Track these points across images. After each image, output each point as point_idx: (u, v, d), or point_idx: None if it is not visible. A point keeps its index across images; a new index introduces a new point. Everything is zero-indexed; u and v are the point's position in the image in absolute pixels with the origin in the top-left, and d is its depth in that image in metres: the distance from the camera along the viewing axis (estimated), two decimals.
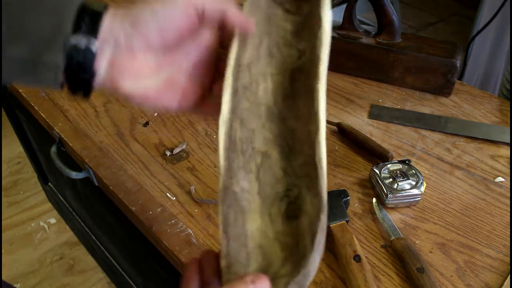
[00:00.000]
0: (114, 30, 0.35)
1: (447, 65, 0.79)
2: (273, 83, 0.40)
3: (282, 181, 0.38)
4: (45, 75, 0.34)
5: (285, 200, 0.37)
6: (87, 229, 1.30)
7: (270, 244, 0.36)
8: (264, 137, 0.39)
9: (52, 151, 0.79)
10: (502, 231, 0.59)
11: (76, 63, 0.34)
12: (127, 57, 0.36)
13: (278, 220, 0.36)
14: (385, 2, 0.79)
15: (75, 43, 0.33)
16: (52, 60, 0.33)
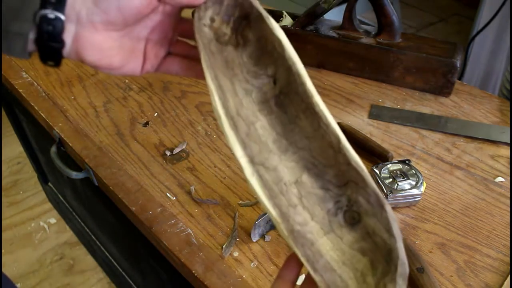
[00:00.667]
0: (76, 6, 0.37)
1: (447, 65, 0.79)
2: (265, 117, 0.40)
3: (326, 198, 0.38)
4: (14, 43, 0.37)
5: (339, 212, 0.37)
6: (87, 229, 1.30)
7: (351, 257, 0.36)
8: (287, 168, 0.39)
9: (52, 151, 0.79)
10: (502, 231, 0.59)
11: (46, 32, 0.36)
12: (89, 32, 0.38)
13: (344, 232, 0.37)
14: (385, 2, 0.79)
15: (45, 13, 0.36)
16: (20, 29, 0.36)
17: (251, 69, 0.41)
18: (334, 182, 0.38)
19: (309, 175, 0.39)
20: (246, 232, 0.59)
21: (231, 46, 0.42)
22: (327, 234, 0.37)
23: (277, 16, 0.95)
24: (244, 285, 0.53)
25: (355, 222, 0.37)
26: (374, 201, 0.36)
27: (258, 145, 0.39)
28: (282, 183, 0.38)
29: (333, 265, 0.36)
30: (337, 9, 0.89)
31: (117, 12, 0.37)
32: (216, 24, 0.42)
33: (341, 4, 0.86)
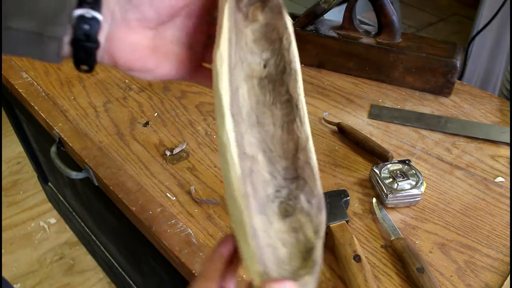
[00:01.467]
0: (110, 5, 0.36)
1: (447, 65, 0.79)
2: (247, 89, 0.41)
3: (270, 183, 0.40)
4: (49, 48, 0.35)
5: (276, 201, 0.39)
6: (87, 229, 1.30)
7: (274, 243, 0.37)
8: (250, 141, 0.40)
9: (52, 151, 0.79)
10: (502, 231, 0.59)
11: (82, 32, 0.35)
12: (123, 31, 0.37)
13: (275, 219, 0.38)
14: (385, 2, 0.79)
15: (82, 13, 0.35)
16: (55, 33, 0.35)
17: (249, 43, 0.42)
18: (282, 173, 0.40)
19: (264, 157, 0.40)
20: None
21: (242, 14, 0.42)
22: (261, 214, 0.38)
23: None
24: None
25: (287, 214, 0.38)
26: (316, 203, 0.37)
27: (237, 107, 0.40)
28: (243, 151, 0.39)
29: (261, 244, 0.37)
30: (337, 9, 0.89)
31: (150, 7, 0.37)
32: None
33: (341, 4, 0.86)
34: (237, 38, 0.41)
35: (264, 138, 0.41)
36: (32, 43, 0.35)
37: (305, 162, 0.38)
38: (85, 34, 0.35)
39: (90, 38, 0.36)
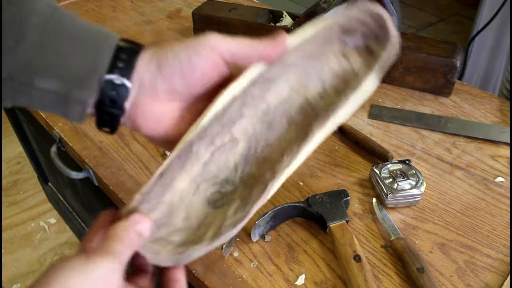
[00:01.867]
0: (140, 71, 0.35)
1: (447, 65, 0.79)
2: (286, 94, 0.42)
3: (227, 172, 0.40)
4: (73, 109, 0.34)
5: (216, 187, 0.40)
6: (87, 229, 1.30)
7: (179, 209, 0.39)
8: (245, 127, 0.41)
9: (52, 151, 0.79)
10: (502, 231, 0.59)
11: (109, 98, 0.34)
12: (150, 100, 0.36)
13: (199, 197, 0.39)
14: (385, 2, 0.79)
15: (111, 79, 0.34)
16: (82, 97, 0.34)
17: (332, 64, 0.43)
18: (243, 173, 0.41)
19: (243, 149, 0.41)
20: (246, 232, 0.59)
21: (341, 53, 0.43)
22: (194, 180, 0.39)
23: (277, 16, 0.95)
24: (244, 285, 0.53)
25: (211, 205, 0.40)
26: (239, 215, 0.38)
27: (260, 98, 0.42)
28: (231, 128, 0.41)
29: (168, 193, 0.39)
30: None
31: (180, 79, 0.35)
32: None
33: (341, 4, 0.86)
34: (317, 63, 0.42)
35: (259, 138, 0.41)
36: (56, 103, 0.34)
37: (266, 183, 0.39)
38: (111, 99, 0.34)
39: (116, 105, 0.35)
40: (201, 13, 0.97)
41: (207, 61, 0.35)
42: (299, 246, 0.58)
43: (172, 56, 0.35)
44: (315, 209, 0.58)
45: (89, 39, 0.34)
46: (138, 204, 0.36)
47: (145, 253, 0.35)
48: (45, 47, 0.32)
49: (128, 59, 0.34)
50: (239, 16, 0.93)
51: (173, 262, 0.36)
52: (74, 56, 0.33)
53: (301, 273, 0.55)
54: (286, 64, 0.41)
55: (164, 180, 0.38)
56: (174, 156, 0.37)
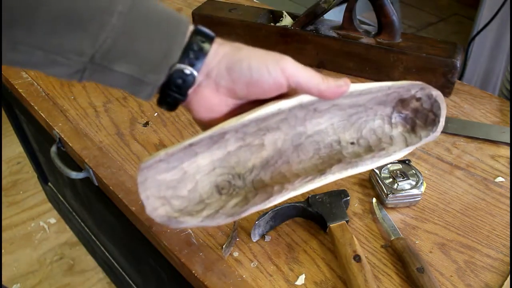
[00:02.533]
0: (210, 65, 0.38)
1: (447, 65, 0.79)
2: (326, 127, 0.46)
3: (243, 169, 0.43)
4: (143, 91, 0.38)
5: (228, 177, 0.43)
6: (87, 229, 1.30)
7: (189, 179, 0.42)
8: (276, 140, 0.44)
9: (52, 151, 0.79)
10: (502, 231, 0.59)
11: (175, 84, 0.37)
12: (210, 91, 0.39)
13: (210, 178, 0.42)
14: (385, 2, 0.79)
15: (181, 68, 0.37)
16: (153, 81, 0.37)
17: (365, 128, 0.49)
18: (254, 181, 0.44)
19: (265, 158, 0.45)
20: (246, 232, 0.59)
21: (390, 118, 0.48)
22: (213, 163, 0.43)
23: (277, 16, 0.95)
24: (244, 285, 0.53)
25: (216, 191, 0.43)
26: (236, 211, 0.42)
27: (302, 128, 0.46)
28: (263, 132, 0.44)
29: (192, 164, 0.42)
30: (337, 9, 0.89)
31: (244, 86, 0.38)
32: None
33: (341, 4, 0.86)
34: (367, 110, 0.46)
35: (284, 154, 0.44)
36: (128, 84, 0.37)
37: (271, 194, 0.42)
38: (177, 85, 0.37)
39: (180, 91, 0.38)
40: (201, 13, 0.97)
41: (274, 82, 0.38)
42: (299, 246, 0.58)
43: (246, 67, 0.38)
44: (315, 209, 0.58)
45: (165, 24, 0.36)
46: (159, 161, 0.39)
47: (146, 205, 0.39)
48: (126, 33, 0.35)
49: (200, 50, 0.37)
50: (239, 16, 0.94)
51: (162, 220, 0.39)
52: (151, 43, 0.36)
53: (301, 273, 0.55)
54: (335, 104, 0.44)
55: (189, 151, 0.41)
56: (207, 135, 0.40)
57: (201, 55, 0.37)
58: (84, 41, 0.34)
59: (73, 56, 0.35)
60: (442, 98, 0.44)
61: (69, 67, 0.36)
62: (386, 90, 0.44)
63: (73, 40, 0.34)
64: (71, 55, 0.35)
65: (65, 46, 0.34)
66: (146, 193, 0.39)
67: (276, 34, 0.90)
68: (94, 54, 0.35)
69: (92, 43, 0.34)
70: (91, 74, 0.36)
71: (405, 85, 0.44)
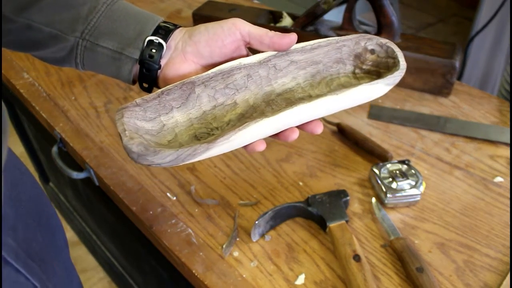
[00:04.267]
0: (176, 39, 0.47)
1: (446, 65, 0.79)
2: (293, 86, 0.49)
3: (220, 123, 0.45)
4: (124, 65, 0.46)
5: (207, 130, 0.45)
6: (88, 229, 1.30)
7: (168, 132, 0.44)
8: (247, 99, 0.47)
9: (53, 151, 0.79)
10: (501, 231, 0.59)
11: (149, 54, 0.45)
12: (180, 60, 0.46)
13: (189, 132, 0.45)
14: (385, 3, 0.80)
15: (152, 39, 0.45)
16: (131, 54, 0.45)
17: (326, 81, 0.50)
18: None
19: (241, 113, 0.46)
20: (246, 232, 0.59)
21: (354, 68, 0.50)
22: (190, 119, 0.46)
23: (277, 17, 0.96)
24: (244, 284, 0.53)
25: (196, 138, 0.45)
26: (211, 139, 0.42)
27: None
28: (239, 87, 0.47)
29: (167, 115, 0.45)
30: (337, 10, 0.89)
31: (205, 44, 0.46)
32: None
33: (340, 5, 0.87)
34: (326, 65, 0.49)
35: (257, 109, 0.46)
36: (112, 60, 0.46)
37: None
38: (150, 55, 0.45)
39: (153, 59, 0.45)
40: (201, 14, 0.97)
41: (228, 34, 0.45)
42: (299, 246, 0.58)
43: (203, 28, 0.46)
44: (315, 209, 0.58)
45: (141, 16, 0.46)
46: (135, 105, 0.42)
47: (123, 136, 0.40)
48: (108, 17, 0.45)
49: (167, 30, 0.46)
50: (239, 16, 0.94)
51: (139, 150, 0.39)
52: (127, 25, 0.46)
53: (301, 272, 0.55)
54: (293, 60, 0.47)
55: (163, 101, 0.44)
56: (176, 84, 0.44)
57: (168, 31, 0.46)
58: (77, 21, 0.45)
59: (69, 32, 0.45)
60: (391, 42, 0.48)
61: (66, 41, 0.45)
62: (335, 44, 0.48)
63: (70, 19, 0.45)
64: (68, 30, 0.45)
65: (64, 24, 0.45)
66: (123, 127, 0.40)
67: None
68: (84, 30, 0.45)
69: (83, 22, 0.45)
70: (83, 51, 0.46)
71: (352, 37, 0.48)
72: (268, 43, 0.46)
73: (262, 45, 0.46)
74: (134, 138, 0.40)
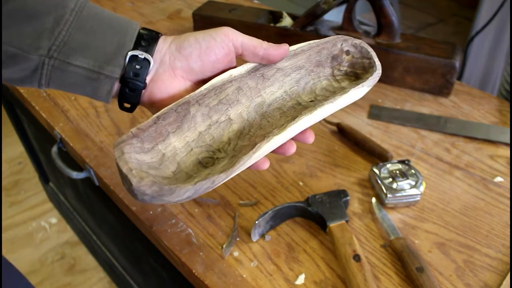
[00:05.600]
0: (162, 51, 0.41)
1: (446, 65, 0.79)
2: (282, 94, 0.48)
3: (220, 144, 0.43)
4: (103, 86, 0.39)
5: (209, 154, 0.43)
6: (88, 229, 1.30)
7: (170, 162, 0.41)
8: (241, 113, 0.45)
9: (53, 151, 0.79)
10: (501, 231, 0.59)
11: (133, 72, 0.39)
12: (168, 76, 0.41)
13: (191, 158, 0.42)
14: (385, 3, 0.80)
15: (135, 54, 0.39)
16: (111, 73, 0.39)
17: (315, 85, 0.50)
18: (237, 148, 0.44)
19: (238, 130, 0.45)
20: (246, 231, 0.59)
21: (333, 71, 0.51)
22: (188, 144, 0.43)
23: (277, 17, 0.96)
24: (244, 284, 0.53)
25: (201, 165, 0.42)
26: (225, 167, 0.40)
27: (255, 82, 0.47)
28: (229, 106, 0.45)
29: (165, 143, 0.42)
30: (337, 10, 0.89)
31: (197, 58, 0.41)
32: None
33: (340, 5, 0.87)
34: (311, 71, 0.49)
35: (253, 124, 0.45)
36: (87, 80, 0.39)
37: (255, 144, 0.41)
38: (134, 73, 0.39)
39: (139, 78, 0.40)
40: (202, 14, 0.97)
41: (221, 46, 0.41)
42: (299, 246, 0.58)
43: (193, 40, 0.41)
44: (315, 209, 0.59)
45: (116, 23, 0.40)
46: (132, 137, 0.38)
47: (131, 177, 0.35)
48: (80, 28, 0.38)
49: (150, 40, 0.40)
50: (239, 16, 0.94)
51: (153, 191, 0.35)
52: (104, 37, 0.38)
53: (301, 272, 0.55)
54: (279, 68, 0.47)
55: (160, 127, 0.40)
56: (170, 107, 0.41)
57: (152, 42, 0.40)
58: (41, 35, 0.37)
59: (31, 50, 0.37)
60: (365, 43, 0.49)
61: (29, 61, 0.37)
62: (315, 47, 0.48)
63: (31, 33, 0.37)
64: (29, 48, 0.37)
65: (24, 39, 0.37)
66: (128, 165, 0.36)
67: (276, 35, 0.90)
68: (51, 47, 0.37)
69: (49, 36, 0.37)
70: (50, 71, 0.38)
71: (330, 39, 0.49)
72: (262, 55, 0.43)
73: (255, 57, 0.43)
74: (144, 178, 0.35)
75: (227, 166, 0.39)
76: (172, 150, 0.41)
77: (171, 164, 0.41)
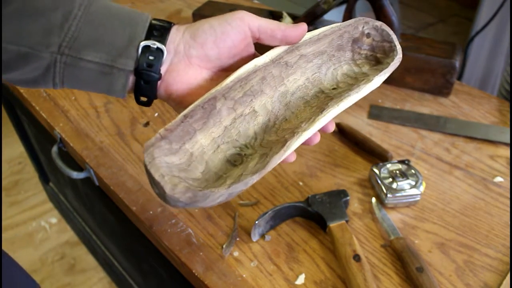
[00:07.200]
0: (175, 41, 0.40)
1: (446, 65, 0.79)
2: (304, 82, 0.47)
3: (246, 138, 0.42)
4: (117, 80, 0.39)
5: (236, 150, 0.42)
6: (88, 229, 1.30)
7: (198, 162, 0.40)
8: (265, 104, 0.44)
9: (53, 151, 0.79)
10: (500, 231, 0.59)
11: (146, 62, 0.38)
12: (184, 65, 0.40)
13: (219, 155, 0.41)
14: (385, 3, 0.80)
15: (147, 44, 0.38)
16: (124, 66, 0.38)
17: (337, 70, 0.49)
18: (264, 142, 0.43)
19: (264, 123, 0.45)
20: (246, 231, 0.59)
21: (353, 55, 0.50)
22: (215, 140, 0.42)
23: (277, 17, 0.96)
24: (244, 284, 0.53)
25: (229, 163, 0.41)
26: (257, 168, 0.39)
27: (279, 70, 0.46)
28: (253, 97, 0.44)
29: (192, 140, 0.41)
30: (337, 10, 0.89)
31: (213, 45, 0.40)
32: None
33: (340, 5, 0.87)
34: (333, 56, 0.48)
35: (278, 115, 0.44)
36: (101, 75, 0.38)
37: (285, 141, 0.40)
38: (148, 64, 0.38)
39: (153, 68, 0.38)
40: (201, 14, 0.97)
41: (237, 31, 0.40)
42: (299, 246, 0.58)
43: (208, 26, 0.40)
44: (315, 209, 0.59)
45: (126, 16, 0.39)
46: (160, 139, 0.37)
47: (164, 184, 0.35)
48: (89, 23, 0.37)
49: (162, 29, 0.39)
50: None
51: (187, 197, 0.35)
52: (114, 30, 0.38)
53: (301, 272, 0.55)
54: (302, 54, 0.45)
55: (187, 126, 0.39)
56: (197, 103, 0.39)
57: (164, 31, 0.39)
58: (50, 31, 0.36)
59: (41, 47, 0.36)
60: (385, 25, 0.48)
61: (40, 59, 0.37)
62: (337, 31, 0.47)
63: (40, 30, 0.36)
64: (40, 46, 0.36)
65: (35, 37, 0.36)
66: (160, 172, 0.35)
67: None
68: (61, 43, 0.37)
69: (58, 33, 0.36)
70: (63, 69, 0.38)
71: (351, 22, 0.47)
72: (281, 37, 0.41)
73: (273, 40, 0.41)
74: (177, 184, 0.34)
75: (259, 166, 0.38)
76: (199, 148, 0.40)
77: (199, 163, 0.40)
